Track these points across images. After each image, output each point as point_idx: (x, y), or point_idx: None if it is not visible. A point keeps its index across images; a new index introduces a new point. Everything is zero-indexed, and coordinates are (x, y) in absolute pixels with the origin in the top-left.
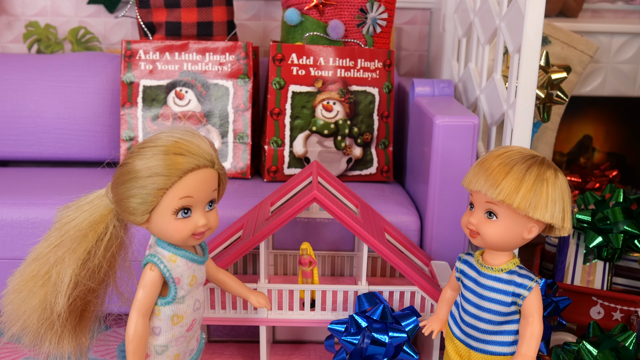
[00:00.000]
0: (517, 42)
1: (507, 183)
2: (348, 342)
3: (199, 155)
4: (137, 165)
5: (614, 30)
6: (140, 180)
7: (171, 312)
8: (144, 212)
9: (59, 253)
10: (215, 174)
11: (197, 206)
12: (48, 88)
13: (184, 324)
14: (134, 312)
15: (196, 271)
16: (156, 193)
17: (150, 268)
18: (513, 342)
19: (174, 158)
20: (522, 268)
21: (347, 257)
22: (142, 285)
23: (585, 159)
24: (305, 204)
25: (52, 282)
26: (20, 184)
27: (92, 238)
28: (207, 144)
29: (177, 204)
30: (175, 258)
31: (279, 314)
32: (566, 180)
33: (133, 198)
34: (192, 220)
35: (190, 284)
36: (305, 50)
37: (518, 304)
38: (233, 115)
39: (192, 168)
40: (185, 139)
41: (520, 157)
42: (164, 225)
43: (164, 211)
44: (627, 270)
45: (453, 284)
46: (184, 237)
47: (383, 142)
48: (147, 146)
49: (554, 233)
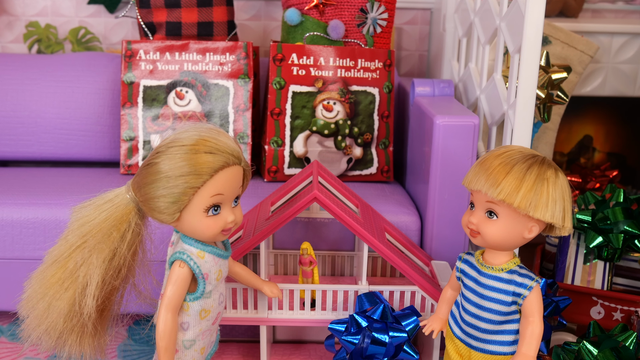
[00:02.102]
0: (518, 42)
1: (507, 182)
2: (348, 342)
3: (228, 153)
4: (166, 164)
5: (614, 30)
6: (171, 179)
7: (199, 307)
8: (175, 211)
9: (85, 254)
10: (241, 171)
11: (226, 203)
12: (48, 88)
13: (210, 317)
14: (163, 309)
15: (222, 266)
16: (188, 192)
17: (180, 265)
18: (513, 342)
19: (205, 157)
20: (522, 268)
21: (348, 257)
22: (171, 281)
23: (586, 159)
24: (306, 204)
25: (80, 284)
26: (20, 184)
27: (117, 237)
28: (233, 141)
29: (209, 201)
30: (204, 254)
31: (280, 313)
32: (567, 179)
33: (163, 197)
34: (221, 216)
35: (217, 278)
36: (306, 50)
37: (518, 303)
38: (233, 115)
39: (222, 166)
40: (212, 136)
41: (520, 156)
42: (196, 223)
43: (196, 209)
44: (628, 270)
45: (453, 283)
46: (214, 234)
47: (383, 142)
48: (175, 145)
49: (555, 233)
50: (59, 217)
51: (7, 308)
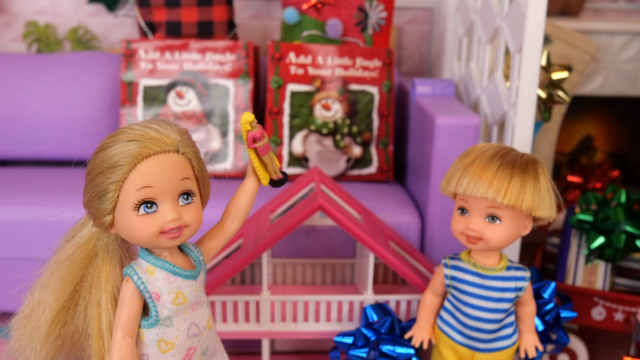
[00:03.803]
0: (519, 42)
1: (513, 187)
2: (356, 356)
3: (157, 139)
4: (91, 163)
5: (615, 29)
6: (96, 177)
7: (157, 337)
8: (104, 214)
9: (49, 279)
10: (183, 160)
11: (163, 198)
12: (48, 88)
13: (175, 353)
14: (117, 332)
15: (182, 287)
16: (112, 188)
17: (127, 280)
18: (513, 333)
19: (126, 145)
20: (511, 261)
21: (348, 265)
22: (120, 300)
23: (587, 159)
24: (310, 213)
25: (39, 313)
26: (20, 184)
27: (83, 258)
28: (171, 128)
29: (136, 197)
30: (154, 270)
31: (282, 326)
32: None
33: (93, 199)
34: (158, 215)
35: (175, 302)
36: (304, 49)
37: (519, 295)
38: (234, 115)
39: (147, 154)
40: (144, 124)
41: (512, 156)
42: (127, 225)
43: (125, 208)
44: (629, 270)
45: (436, 288)
46: (149, 236)
47: (383, 142)
48: (106, 139)
49: (539, 222)
50: (59, 217)
51: (7, 308)
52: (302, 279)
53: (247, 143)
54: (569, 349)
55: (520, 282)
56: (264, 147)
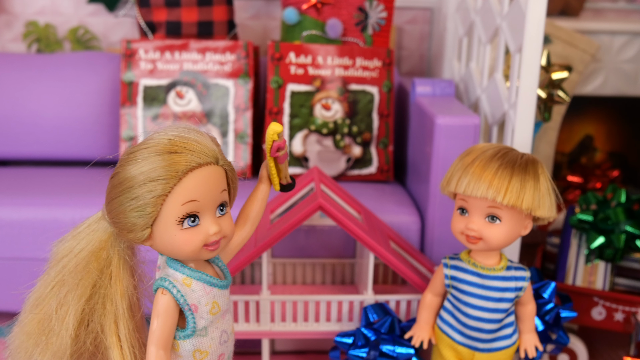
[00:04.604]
0: (519, 42)
1: (513, 187)
2: (356, 356)
3: (198, 151)
4: (128, 172)
5: (615, 29)
6: (134, 189)
7: (192, 347)
8: (144, 227)
9: (61, 294)
10: (221, 172)
11: (206, 212)
12: (48, 88)
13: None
14: (151, 346)
15: (217, 297)
16: (154, 202)
17: (162, 292)
18: (513, 333)
19: (170, 158)
20: (511, 261)
21: (348, 265)
22: (155, 313)
23: (587, 159)
24: (310, 213)
25: (56, 333)
26: (20, 184)
27: (95, 269)
28: (207, 138)
29: (181, 211)
30: (190, 281)
31: (282, 326)
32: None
33: (129, 212)
34: (201, 228)
35: (212, 312)
36: (304, 49)
37: (518, 295)
38: (234, 115)
39: (192, 167)
40: (181, 135)
41: (512, 156)
42: (170, 239)
43: (167, 222)
44: (629, 270)
45: (436, 288)
46: (194, 250)
47: (383, 142)
48: (138, 149)
49: (538, 222)
50: (59, 217)
51: (7, 308)
52: (302, 279)
53: (270, 152)
54: (569, 349)
55: (520, 282)
56: (283, 156)
